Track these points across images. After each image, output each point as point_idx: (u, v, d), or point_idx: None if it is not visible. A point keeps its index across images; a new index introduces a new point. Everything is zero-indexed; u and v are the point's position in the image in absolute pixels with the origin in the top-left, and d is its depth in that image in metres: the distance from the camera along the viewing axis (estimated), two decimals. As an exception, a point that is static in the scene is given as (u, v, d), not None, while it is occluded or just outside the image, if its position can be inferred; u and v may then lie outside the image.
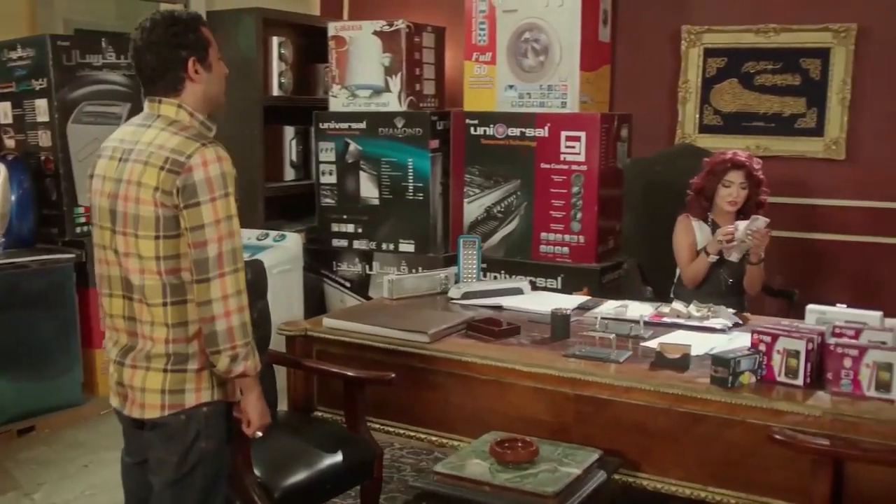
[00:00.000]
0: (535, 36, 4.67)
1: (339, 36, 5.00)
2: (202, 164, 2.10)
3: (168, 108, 2.22)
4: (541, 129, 4.64)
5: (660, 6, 4.95)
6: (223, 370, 2.17)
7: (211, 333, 2.13)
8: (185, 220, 2.11)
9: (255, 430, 2.31)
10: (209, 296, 2.12)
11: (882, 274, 4.58)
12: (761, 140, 4.79)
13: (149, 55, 2.19)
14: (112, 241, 2.22)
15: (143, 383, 2.21)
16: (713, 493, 2.65)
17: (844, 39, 4.55)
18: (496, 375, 2.94)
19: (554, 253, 4.71)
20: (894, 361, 2.50)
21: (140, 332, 2.21)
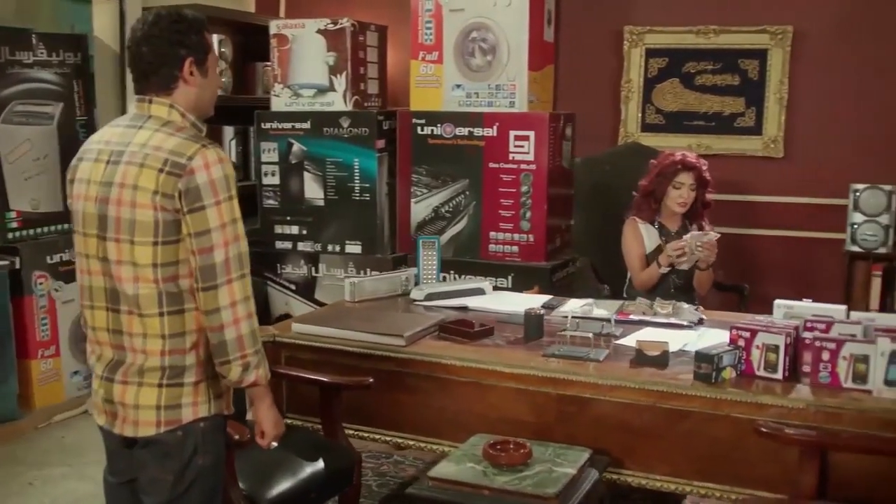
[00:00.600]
0: (482, 35, 4.65)
1: (282, 34, 4.89)
2: (205, 167, 2.01)
3: (159, 108, 2.12)
4: (489, 128, 4.63)
5: (602, 7, 5.02)
6: (235, 380, 2.09)
7: (220, 343, 2.05)
8: (188, 226, 2.02)
9: (271, 440, 2.24)
10: (217, 304, 2.03)
11: (818, 267, 4.75)
12: (702, 139, 4.90)
13: (146, 47, 2.10)
14: (100, 248, 2.10)
15: (137, 400, 2.10)
16: (698, 488, 2.70)
17: (781, 41, 4.70)
18: (476, 377, 2.92)
19: (503, 252, 4.71)
20: (870, 353, 2.59)
21: (129, 345, 2.10)
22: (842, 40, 4.62)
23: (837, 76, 4.64)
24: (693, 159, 3.88)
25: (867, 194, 4.43)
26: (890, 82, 4.54)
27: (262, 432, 2.24)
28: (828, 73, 4.65)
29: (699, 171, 3.87)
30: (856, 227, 4.46)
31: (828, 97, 4.65)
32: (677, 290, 3.81)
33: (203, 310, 2.05)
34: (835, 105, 4.64)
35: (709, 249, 3.66)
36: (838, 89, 4.64)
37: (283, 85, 4.93)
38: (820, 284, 4.69)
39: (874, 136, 4.58)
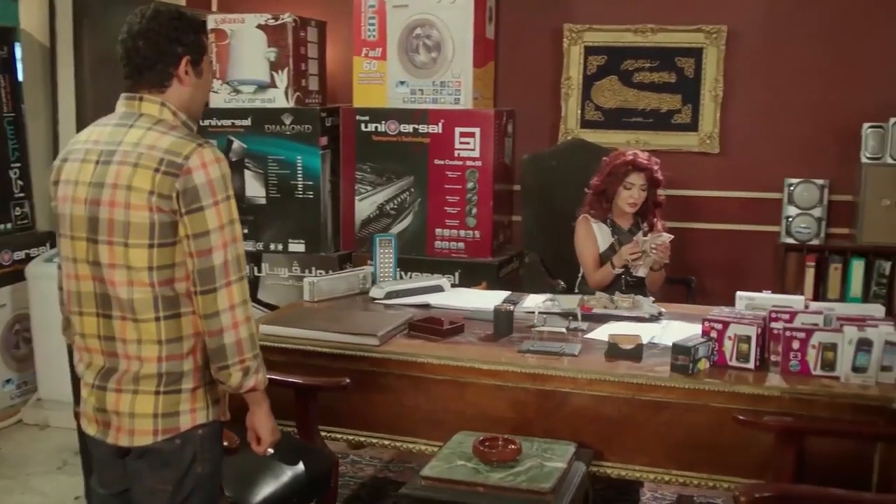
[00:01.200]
0: (426, 32, 4.65)
1: (220, 29, 4.78)
2: (202, 166, 1.95)
3: (150, 105, 2.05)
4: (434, 125, 4.64)
5: (542, 4, 5.06)
6: (235, 385, 2.03)
7: (219, 347, 1.99)
8: (186, 227, 1.95)
9: (267, 447, 2.19)
10: (216, 307, 1.97)
11: (754, 259, 4.90)
12: (640, 135, 5.00)
13: (142, 41, 2.02)
14: (90, 252, 2.02)
15: (132, 408, 2.03)
16: (677, 476, 2.76)
17: (716, 40, 4.83)
18: (453, 375, 2.91)
19: (449, 249, 4.73)
20: (838, 342, 2.69)
21: (123, 352, 2.03)
22: (774, 40, 4.78)
23: (770, 74, 4.79)
24: (645, 160, 3.91)
25: (801, 188, 4.60)
26: (820, 80, 4.71)
27: (259, 439, 2.19)
28: (761, 72, 4.80)
29: (650, 171, 3.91)
30: (790, 220, 4.63)
31: (761, 94, 4.81)
32: (629, 287, 3.88)
33: (201, 314, 1.99)
34: (768, 102, 4.79)
35: (662, 252, 3.71)
36: (771, 87, 4.79)
37: (222, 81, 4.83)
38: (756, 276, 4.85)
39: (807, 132, 4.74)
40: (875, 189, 4.47)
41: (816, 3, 4.71)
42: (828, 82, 4.71)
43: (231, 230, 1.99)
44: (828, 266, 4.58)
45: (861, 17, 4.67)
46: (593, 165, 4.42)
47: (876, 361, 2.64)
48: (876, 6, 4.66)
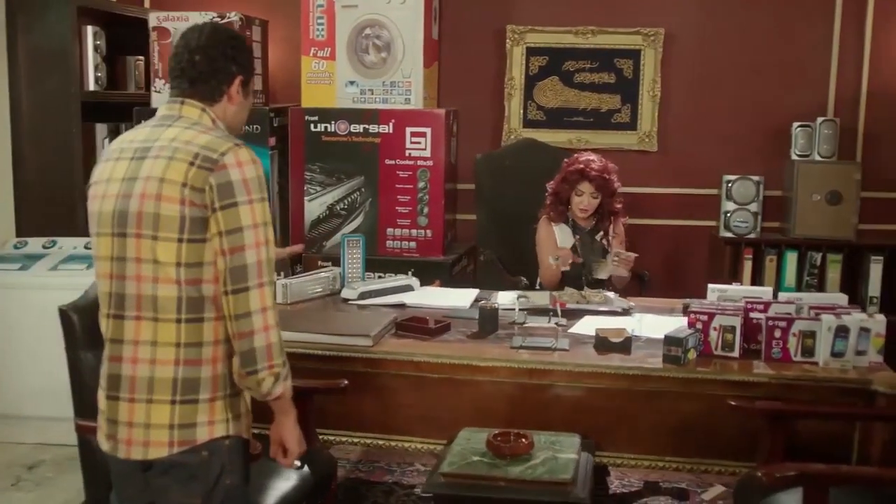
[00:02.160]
0: (376, 32, 4.67)
1: (163, 27, 4.67)
2: (237, 164, 1.94)
3: (191, 109, 2.04)
4: (385, 125, 4.65)
5: (484, 6, 5.14)
6: (264, 392, 1.99)
7: (249, 350, 1.95)
8: (218, 223, 1.91)
9: (294, 458, 2.15)
10: (248, 307, 1.93)
11: (694, 253, 5.12)
12: (582, 134, 5.15)
13: (199, 56, 2.03)
14: (115, 247, 1.98)
15: (147, 418, 1.96)
16: (670, 462, 2.89)
17: (653, 42, 5.01)
18: (449, 373, 2.95)
19: (401, 248, 4.75)
20: (816, 329, 2.86)
21: (130, 355, 1.97)
22: (708, 42, 4.99)
23: (706, 75, 5.01)
24: (594, 170, 3.99)
25: (738, 184, 4.82)
26: (753, 81, 4.96)
27: (286, 450, 2.15)
28: (697, 73, 5.02)
29: (599, 181, 4.00)
30: (728, 215, 4.84)
31: (697, 95, 5.02)
32: (589, 284, 4.00)
33: (232, 314, 1.94)
34: (704, 102, 5.01)
35: (625, 265, 3.83)
36: (707, 87, 5.01)
37: (165, 80, 4.71)
38: (696, 269, 5.07)
39: (741, 130, 4.98)
40: (806, 185, 4.73)
41: (748, 8, 4.95)
42: (760, 83, 4.96)
43: (265, 231, 1.97)
44: (764, 258, 4.82)
45: (790, 21, 4.94)
46: (545, 164, 4.53)
47: (852, 347, 2.83)
48: (804, 11, 4.93)
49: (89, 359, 2.51)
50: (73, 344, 2.50)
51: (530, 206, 4.51)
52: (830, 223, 4.71)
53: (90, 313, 2.54)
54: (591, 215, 4.06)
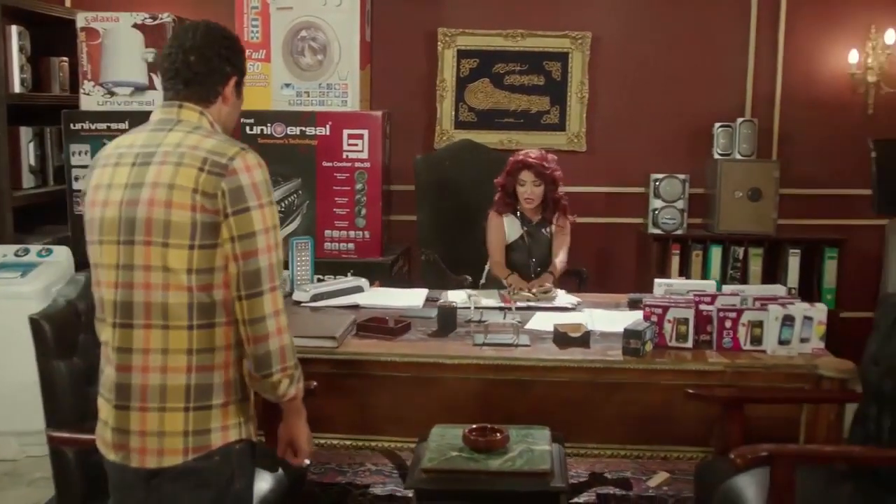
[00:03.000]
0: (312, 34, 4.67)
1: (91, 28, 4.56)
2: (246, 169, 1.94)
3: (190, 113, 2.02)
4: (322, 127, 4.67)
5: (416, 9, 5.20)
6: (280, 394, 2.01)
7: (264, 354, 1.96)
8: (231, 229, 1.91)
9: (305, 457, 2.17)
10: (262, 312, 1.94)
11: (624, 249, 5.29)
12: (512, 135, 5.26)
13: (194, 56, 2.01)
14: (121, 255, 1.95)
15: (161, 426, 1.95)
16: (632, 451, 3.01)
17: (581, 45, 5.16)
18: (416, 372, 3.00)
19: (339, 250, 4.77)
20: (764, 319, 3.03)
21: (140, 364, 1.94)
22: (634, 46, 5.18)
23: (632, 77, 5.19)
24: (533, 158, 4.11)
25: (665, 183, 5.01)
26: (677, 83, 5.16)
27: (297, 449, 2.17)
28: (623, 75, 5.19)
29: (538, 168, 4.11)
30: (656, 212, 5.03)
31: (624, 96, 5.19)
32: (536, 275, 4.10)
33: (246, 318, 1.95)
34: (631, 103, 5.18)
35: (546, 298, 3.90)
36: (633, 89, 5.19)
37: (95, 82, 4.61)
38: (626, 265, 5.25)
39: (668, 130, 5.18)
40: (728, 182, 4.96)
41: (671, 14, 5.15)
42: (683, 85, 5.17)
43: (275, 235, 1.98)
44: (690, 253, 5.02)
45: (710, 27, 5.17)
46: (484, 165, 4.63)
47: (797, 334, 3.00)
48: (722, 18, 5.16)
49: (61, 368, 2.47)
50: (45, 353, 2.45)
51: (470, 206, 4.61)
52: (752, 219, 4.95)
53: (61, 322, 2.51)
54: (537, 207, 4.15)
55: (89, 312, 2.54)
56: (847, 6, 5.11)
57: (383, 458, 3.94)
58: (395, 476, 3.83)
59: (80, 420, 2.47)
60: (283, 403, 2.09)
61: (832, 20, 5.12)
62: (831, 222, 5.18)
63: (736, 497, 2.53)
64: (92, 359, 2.53)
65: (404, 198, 5.09)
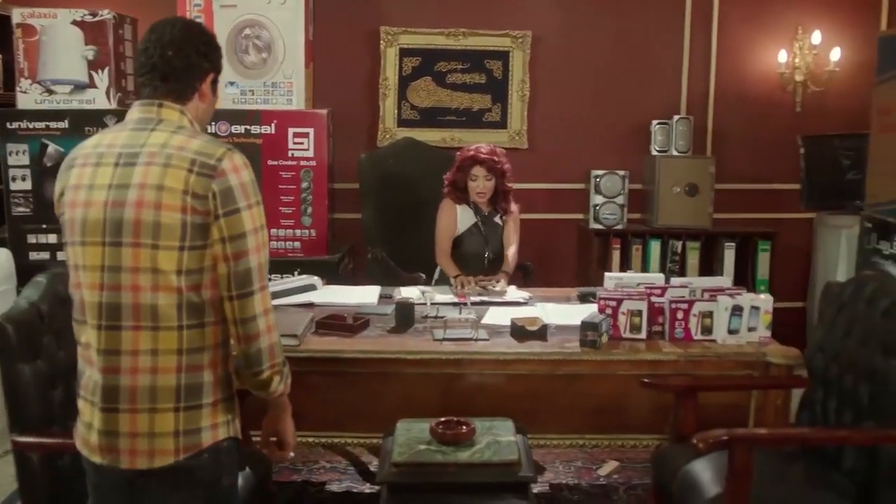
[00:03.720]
0: (256, 32, 4.65)
1: (28, 24, 4.46)
2: (234, 170, 1.93)
3: (171, 112, 2.00)
4: (267, 126, 4.66)
5: (358, 7, 5.21)
6: (272, 391, 2.04)
7: (256, 352, 1.98)
8: (221, 230, 1.91)
9: (290, 450, 2.19)
10: (254, 311, 1.96)
11: (566, 244, 5.40)
12: (454, 133, 5.32)
13: (172, 51, 1.99)
14: (107, 256, 1.92)
15: (151, 427, 1.93)
16: (590, 440, 3.09)
17: (521, 44, 5.25)
18: (378, 368, 3.03)
19: (286, 248, 4.76)
20: (714, 310, 3.14)
21: (129, 365, 1.93)
22: (573, 45, 5.28)
23: (571, 76, 5.29)
24: (484, 154, 4.18)
25: (605, 179, 5.13)
26: (615, 81, 5.29)
27: (283, 443, 2.19)
28: (563, 74, 5.29)
29: (489, 164, 4.18)
30: (597, 208, 5.15)
31: (564, 94, 5.29)
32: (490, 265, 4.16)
33: (238, 318, 1.96)
34: (571, 101, 5.29)
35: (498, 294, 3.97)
36: (573, 87, 5.30)
37: (32, 80, 4.51)
38: (567, 259, 5.35)
39: (607, 127, 5.31)
40: (666, 178, 5.10)
41: (609, 14, 5.28)
42: (621, 84, 5.30)
43: (262, 235, 1.99)
44: (630, 247, 5.15)
45: (646, 27, 5.31)
46: (426, 162, 4.69)
47: (745, 324, 3.12)
48: (659, 19, 5.31)
49: (26, 372, 2.42)
50: (9, 356, 2.39)
51: (415, 204, 4.65)
52: (689, 213, 5.11)
53: (25, 324, 2.46)
54: (489, 199, 4.21)
55: (53, 314, 2.52)
56: (775, 8, 5.31)
57: (337, 455, 3.98)
58: (351, 472, 3.87)
59: (45, 423, 2.44)
60: (272, 399, 2.11)
61: (762, 22, 5.31)
62: (763, 216, 5.38)
63: (694, 481, 2.63)
64: (57, 361, 2.51)
65: (347, 196, 5.11)
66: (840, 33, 5.26)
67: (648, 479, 3.70)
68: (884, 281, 2.73)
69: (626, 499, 3.65)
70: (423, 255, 4.43)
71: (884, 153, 4.32)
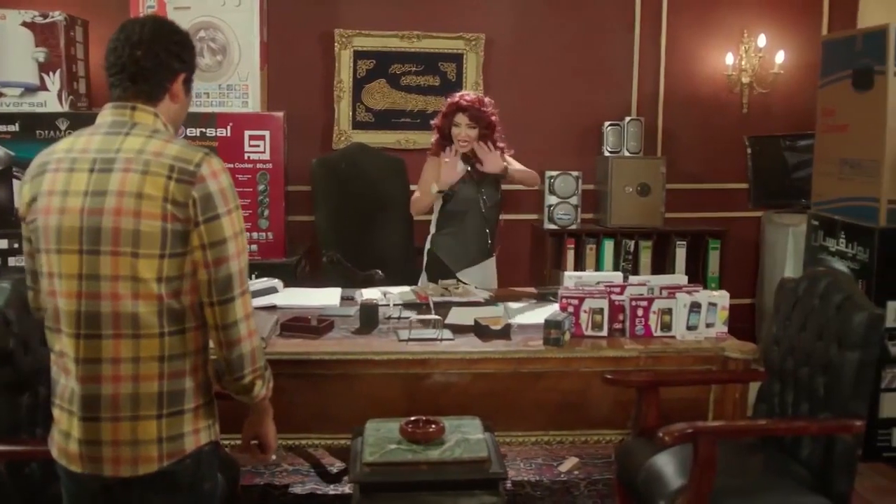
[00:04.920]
0: (211, 35, 4.63)
1: (-25, 26, 4.38)
2: (213, 175, 1.92)
3: (145, 115, 1.98)
4: (223, 128, 4.64)
5: (311, 9, 5.21)
6: (254, 395, 2.04)
7: (238, 357, 1.98)
8: (202, 236, 1.90)
9: (272, 452, 2.19)
10: (235, 317, 1.95)
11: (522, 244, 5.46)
12: (409, 135, 5.34)
13: (141, 51, 1.95)
14: (84, 265, 1.89)
15: (134, 435, 1.92)
16: (554, 436, 3.14)
17: (475, 47, 5.29)
18: (344, 369, 3.04)
19: (243, 252, 4.73)
20: (672, 307, 3.22)
21: (111, 373, 1.91)
22: (526, 47, 5.35)
23: (525, 78, 5.35)
24: (468, 100, 4.10)
25: (560, 180, 5.20)
26: (568, 83, 5.37)
27: (265, 446, 2.19)
28: (516, 76, 5.35)
29: (473, 111, 4.08)
30: (551, 208, 5.21)
31: (518, 96, 5.34)
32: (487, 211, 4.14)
33: (219, 324, 1.95)
34: (525, 103, 5.33)
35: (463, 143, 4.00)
36: (526, 89, 5.35)
37: (-18, 81, 4.43)
38: (522, 259, 5.41)
39: (561, 129, 5.38)
40: (618, 179, 5.19)
41: (561, 17, 5.36)
42: (573, 86, 5.38)
43: (242, 240, 1.99)
44: (584, 247, 5.23)
45: (597, 30, 5.41)
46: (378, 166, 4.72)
47: (703, 320, 3.21)
48: (609, 22, 5.41)
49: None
50: (-26, 363, 2.37)
51: (367, 207, 4.69)
52: (641, 213, 5.21)
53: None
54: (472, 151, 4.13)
55: (20, 321, 2.49)
56: (722, 12, 5.44)
57: (299, 458, 3.98)
58: (313, 475, 3.86)
59: (11, 431, 2.41)
60: (255, 403, 2.11)
61: (709, 25, 5.44)
62: (713, 215, 5.51)
63: (659, 473, 2.70)
64: (23, 368, 2.48)
65: (301, 198, 5.10)
66: (784, 37, 5.41)
67: (609, 474, 3.80)
68: (836, 277, 2.83)
69: (587, 494, 3.71)
70: (378, 257, 4.46)
71: (828, 153, 4.46)
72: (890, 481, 3.90)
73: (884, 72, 4.00)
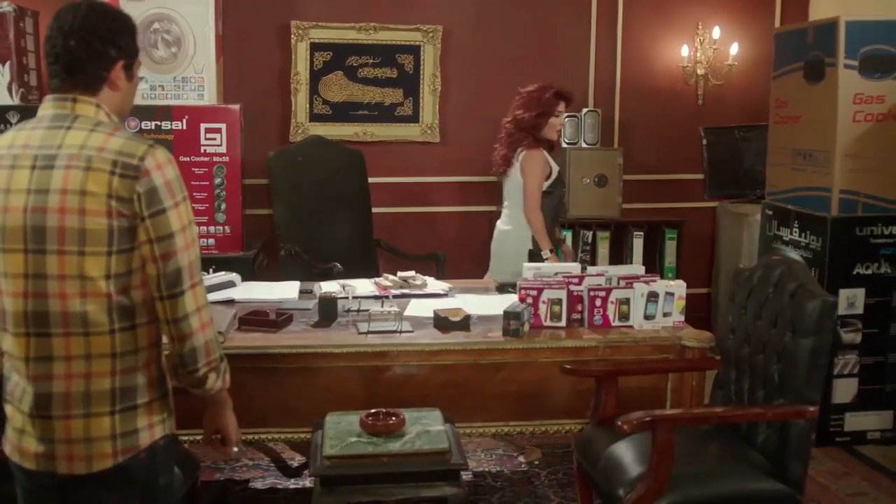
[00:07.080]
0: (165, 27, 4.57)
1: (-78, 17, 4.27)
2: (157, 167, 1.89)
3: (86, 107, 1.93)
4: (178, 121, 4.58)
5: (268, 1, 5.18)
6: (209, 388, 2.01)
7: (190, 350, 1.95)
8: (148, 231, 1.87)
9: (234, 446, 2.16)
10: (185, 310, 1.93)
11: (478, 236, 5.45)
12: (367, 127, 5.33)
13: (74, 40, 1.89)
14: (29, 264, 1.87)
15: (87, 433, 1.90)
16: (514, 427, 3.16)
17: (432, 38, 5.29)
18: (304, 362, 3.04)
19: (200, 245, 4.67)
20: (630, 297, 3.25)
21: (63, 371, 1.88)
22: (483, 39, 5.35)
23: (481, 70, 5.36)
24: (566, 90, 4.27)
25: (517, 171, 5.22)
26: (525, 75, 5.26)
27: (227, 439, 2.16)
28: (473, 67, 5.35)
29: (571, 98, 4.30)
30: (509, 200, 5.23)
31: (475, 88, 5.35)
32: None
33: (170, 318, 1.93)
34: (481, 95, 5.34)
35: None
36: (483, 81, 5.36)
37: (-73, 76, 4.33)
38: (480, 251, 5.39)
39: (519, 121, 5.40)
40: (576, 170, 5.22)
41: (518, 9, 5.37)
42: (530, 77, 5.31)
43: (191, 232, 1.95)
44: (542, 238, 5.25)
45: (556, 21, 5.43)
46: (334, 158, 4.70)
47: (660, 309, 3.24)
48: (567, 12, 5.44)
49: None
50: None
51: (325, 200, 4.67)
52: (599, 204, 5.25)
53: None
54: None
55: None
56: (677, 4, 5.49)
57: (259, 452, 3.95)
58: (273, 470, 3.85)
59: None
60: (211, 396, 2.08)
61: (664, 17, 5.49)
62: (670, 206, 5.56)
63: (618, 462, 2.72)
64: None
65: (258, 192, 5.07)
66: (738, 29, 5.48)
67: (569, 463, 3.82)
68: (791, 265, 2.87)
69: (547, 483, 3.73)
70: (337, 249, 4.45)
71: (781, 144, 4.52)
72: (843, 465, 3.98)
73: (834, 64, 4.07)
